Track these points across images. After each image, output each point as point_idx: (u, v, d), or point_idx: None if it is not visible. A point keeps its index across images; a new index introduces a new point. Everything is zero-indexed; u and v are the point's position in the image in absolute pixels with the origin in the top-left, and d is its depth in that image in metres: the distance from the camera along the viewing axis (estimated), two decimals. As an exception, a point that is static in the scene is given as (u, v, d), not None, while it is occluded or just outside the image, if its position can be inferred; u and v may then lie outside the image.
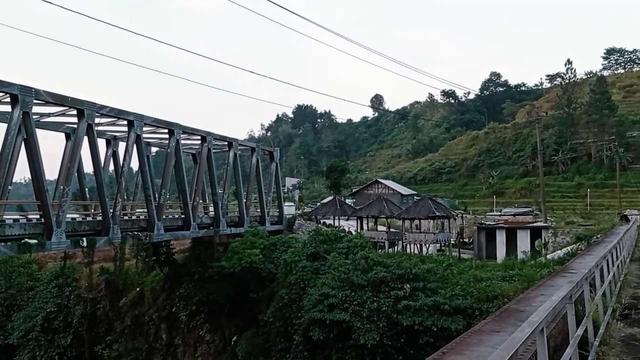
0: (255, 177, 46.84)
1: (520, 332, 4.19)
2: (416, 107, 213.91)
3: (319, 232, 37.27)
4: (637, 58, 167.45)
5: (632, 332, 10.55)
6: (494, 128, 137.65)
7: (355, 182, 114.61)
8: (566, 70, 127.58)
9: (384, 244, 47.96)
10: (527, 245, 47.84)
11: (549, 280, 14.62)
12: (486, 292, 25.30)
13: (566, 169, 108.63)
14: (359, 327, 25.34)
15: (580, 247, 34.78)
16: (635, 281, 17.57)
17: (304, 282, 31.02)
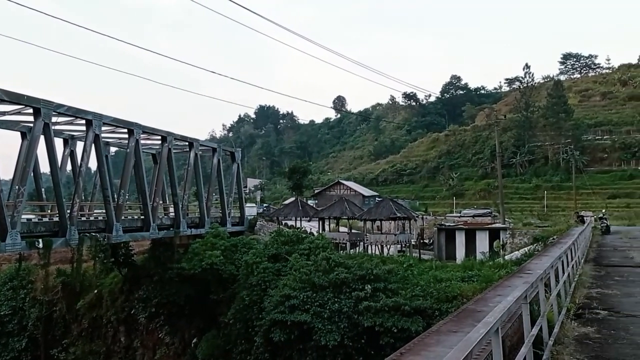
0: (217, 177, 46.51)
1: (475, 332, 4.24)
2: (378, 109, 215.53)
3: (280, 234, 37.20)
4: (593, 63, 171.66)
5: (585, 332, 10.78)
6: (454, 130, 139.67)
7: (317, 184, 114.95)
8: (524, 74, 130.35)
9: (346, 245, 48.14)
10: (486, 246, 48.54)
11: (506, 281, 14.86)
12: (446, 293, 25.56)
13: (524, 171, 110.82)
14: (320, 328, 25.36)
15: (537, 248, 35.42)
16: (590, 281, 17.98)
17: (265, 283, 30.92)
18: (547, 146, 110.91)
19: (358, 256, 35.12)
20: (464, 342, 3.98)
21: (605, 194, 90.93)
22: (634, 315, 12.74)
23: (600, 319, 12.32)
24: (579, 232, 26.52)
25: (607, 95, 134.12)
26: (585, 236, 29.50)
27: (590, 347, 9.71)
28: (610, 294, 15.62)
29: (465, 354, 3.71)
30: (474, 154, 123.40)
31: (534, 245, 38.69)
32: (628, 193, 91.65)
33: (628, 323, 11.91)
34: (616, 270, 21.50)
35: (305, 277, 27.85)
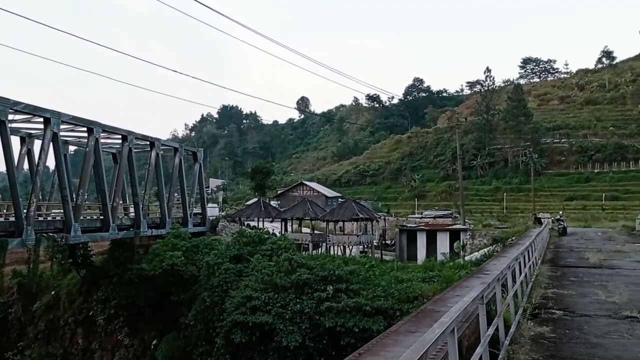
0: (178, 177, 46.07)
1: (430, 332, 4.28)
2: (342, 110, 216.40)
3: (242, 234, 37.02)
4: (552, 68, 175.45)
5: (541, 331, 10.98)
6: (417, 132, 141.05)
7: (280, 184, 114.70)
8: (485, 77, 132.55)
9: (308, 246, 48.15)
10: (447, 247, 49.13)
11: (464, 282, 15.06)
12: (407, 293, 25.77)
13: (484, 173, 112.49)
14: (282, 329, 25.31)
15: (496, 249, 35.97)
16: (546, 282, 18.33)
17: (226, 284, 30.73)
18: (507, 149, 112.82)
19: (320, 257, 35.19)
20: (419, 342, 4.01)
21: (562, 196, 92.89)
22: (587, 315, 13.03)
23: (555, 318, 12.56)
24: (536, 234, 27.02)
25: (565, 99, 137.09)
26: (542, 237, 30.07)
27: (545, 346, 9.89)
28: (565, 294, 15.95)
29: (420, 354, 3.74)
30: (436, 155, 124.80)
31: (493, 246, 39.30)
32: (584, 195, 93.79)
33: (582, 323, 12.18)
34: (572, 270, 21.96)
35: (267, 278, 27.77)
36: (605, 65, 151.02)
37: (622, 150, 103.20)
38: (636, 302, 14.43)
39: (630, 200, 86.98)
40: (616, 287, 17.18)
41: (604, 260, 25.68)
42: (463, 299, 6.19)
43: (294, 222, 54.59)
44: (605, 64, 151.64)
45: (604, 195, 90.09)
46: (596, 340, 10.54)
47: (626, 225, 55.78)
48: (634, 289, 17.23)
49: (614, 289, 16.57)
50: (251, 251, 33.55)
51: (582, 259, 26.71)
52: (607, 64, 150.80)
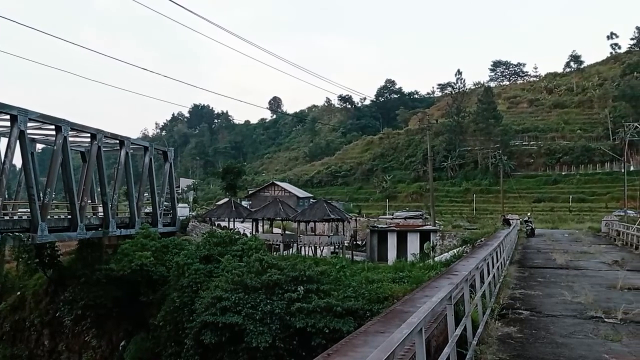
0: (148, 177, 45.65)
1: (398, 333, 4.30)
2: (314, 111, 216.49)
3: (213, 235, 36.81)
4: (521, 71, 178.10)
5: (508, 331, 11.12)
6: (388, 134, 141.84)
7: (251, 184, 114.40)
8: (456, 80, 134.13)
9: (279, 247, 48.09)
10: (417, 247, 49.43)
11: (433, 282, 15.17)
12: (377, 294, 25.87)
13: (455, 175, 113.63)
14: (252, 329, 25.19)
15: (466, 249, 36.33)
16: (514, 282, 18.57)
17: (196, 285, 30.52)
18: (477, 151, 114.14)
19: (291, 257, 35.14)
20: (387, 342, 4.03)
21: (531, 197, 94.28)
22: (554, 315, 13.24)
23: (522, 319, 12.74)
24: (504, 235, 27.32)
25: (534, 102, 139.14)
26: (511, 239, 30.42)
27: (512, 346, 10.02)
28: (532, 295, 16.18)
29: (387, 355, 3.76)
30: (407, 157, 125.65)
31: (462, 247, 39.70)
32: (552, 197, 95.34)
33: (548, 323, 12.36)
34: (539, 271, 22.29)
35: (238, 279, 27.63)
36: (573, 70, 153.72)
37: (589, 153, 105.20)
38: (601, 303, 14.70)
39: (596, 202, 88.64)
40: (582, 287, 17.48)
41: (570, 261, 26.12)
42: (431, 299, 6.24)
43: (265, 223, 54.47)
44: (573, 68, 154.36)
45: (571, 197, 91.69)
46: (562, 340, 10.72)
47: (592, 227, 56.79)
48: (599, 289, 17.55)
49: (579, 290, 16.86)
50: (222, 252, 33.36)
51: (549, 260, 27.12)
52: (575, 68, 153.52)
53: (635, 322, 12.39)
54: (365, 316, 24.47)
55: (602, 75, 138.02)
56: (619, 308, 13.24)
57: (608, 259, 27.77)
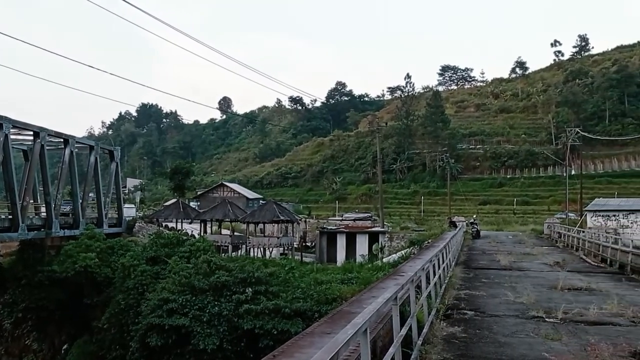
0: (93, 177, 44.65)
1: (343, 334, 4.31)
2: (264, 112, 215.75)
3: (160, 236, 36.25)
4: (469, 76, 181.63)
5: (452, 331, 11.31)
6: (339, 136, 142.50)
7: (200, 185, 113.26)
8: (406, 83, 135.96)
9: (228, 248, 47.74)
10: (366, 249, 49.85)
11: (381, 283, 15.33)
12: (326, 295, 25.88)
13: (403, 177, 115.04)
14: (199, 331, 24.92)
15: (413, 251, 36.83)
16: (459, 283, 18.92)
17: (142, 286, 30.00)
18: (425, 154, 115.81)
19: (240, 259, 34.90)
20: (331, 343, 4.03)
21: (476, 200, 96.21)
22: (497, 316, 13.54)
23: (467, 319, 12.98)
24: (450, 237, 27.80)
25: (481, 107, 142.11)
26: (457, 240, 30.98)
27: (456, 346, 10.20)
28: (477, 295, 16.51)
29: (331, 355, 3.76)
30: (357, 159, 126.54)
31: (410, 249, 40.22)
32: (497, 200, 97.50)
33: (492, 323, 12.64)
34: (484, 272, 22.77)
35: (185, 280, 27.29)
36: (518, 75, 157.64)
37: (533, 157, 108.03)
38: (542, 303, 15.12)
39: (539, 205, 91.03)
40: (524, 288, 17.94)
41: (513, 263, 26.79)
42: (377, 300, 6.28)
43: (214, 224, 54.02)
44: (518, 74, 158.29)
45: (515, 200, 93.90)
46: (504, 339, 10.96)
47: (535, 229, 58.40)
48: (541, 290, 18.04)
49: (522, 290, 17.29)
50: (169, 253, 32.87)
51: (494, 261, 27.75)
52: (520, 74, 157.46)
53: (574, 321, 12.78)
54: (314, 317, 24.47)
55: (546, 81, 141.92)
56: (559, 308, 13.64)
57: (550, 260, 28.60)
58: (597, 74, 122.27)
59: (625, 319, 13.24)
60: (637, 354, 9.94)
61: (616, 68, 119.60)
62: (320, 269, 34.41)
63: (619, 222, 47.64)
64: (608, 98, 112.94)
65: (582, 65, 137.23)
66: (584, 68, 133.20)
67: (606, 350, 9.76)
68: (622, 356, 9.71)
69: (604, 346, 10.02)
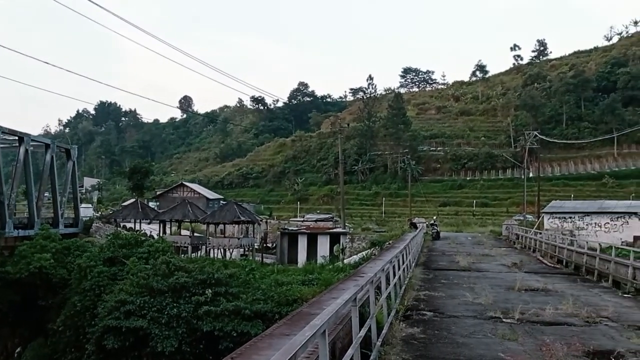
0: (49, 176, 43.69)
1: (301, 335, 4.25)
2: (226, 111, 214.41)
3: (118, 236, 35.66)
4: (430, 79, 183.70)
5: (412, 332, 11.35)
6: (301, 136, 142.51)
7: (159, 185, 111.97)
8: (368, 85, 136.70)
9: (187, 249, 47.27)
10: (327, 250, 49.89)
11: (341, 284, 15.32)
12: (286, 296, 25.80)
13: (365, 179, 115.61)
14: (157, 334, 24.56)
15: (374, 252, 36.97)
16: (419, 284, 19.04)
17: (99, 288, 29.48)
18: (387, 155, 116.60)
19: (199, 260, 34.58)
20: (289, 344, 3.97)
21: (437, 201, 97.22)
22: (456, 316, 13.65)
23: (426, 319, 13.06)
24: (411, 238, 28.01)
25: (442, 109, 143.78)
26: (417, 241, 31.22)
27: (415, 346, 10.23)
28: (436, 296, 16.63)
29: (289, 356, 3.71)
30: (319, 160, 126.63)
31: (371, 250, 40.38)
32: (457, 201, 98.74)
33: (450, 323, 12.73)
34: (443, 273, 22.99)
35: (143, 282, 26.87)
36: (478, 79, 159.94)
37: (492, 159, 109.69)
38: (500, 304, 15.31)
39: (498, 206, 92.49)
40: (482, 289, 18.15)
41: (472, 264, 27.11)
42: (336, 301, 6.24)
43: (173, 225, 53.43)
44: (478, 77, 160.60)
45: (474, 202, 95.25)
46: (462, 340, 11.05)
47: (494, 231, 59.33)
48: (499, 290, 18.28)
49: (480, 291, 17.49)
50: (127, 254, 32.37)
51: (453, 262, 28.04)
52: (480, 77, 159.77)
53: (530, 322, 12.97)
54: (274, 319, 24.34)
55: (505, 85, 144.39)
56: (516, 309, 13.83)
57: (507, 262, 29.04)
58: (555, 79, 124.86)
59: (580, 319, 13.49)
60: (591, 353, 10.13)
61: (573, 73, 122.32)
62: (281, 270, 34.34)
63: (574, 224, 48.66)
64: (565, 102, 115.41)
65: (541, 69, 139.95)
66: (542, 72, 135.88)
67: (561, 350, 9.91)
68: (575, 356, 9.88)
69: (559, 346, 10.17)
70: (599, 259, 23.48)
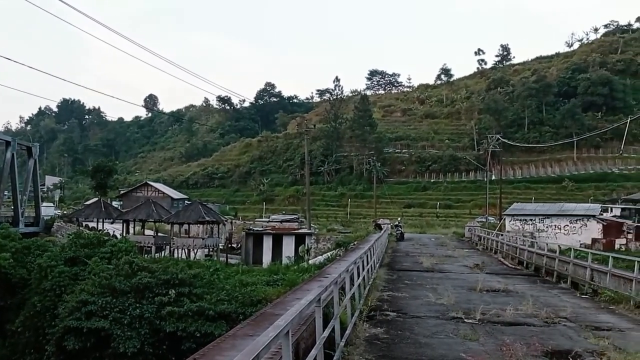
0: (10, 174, 42.87)
1: (264, 336, 4.29)
2: (192, 111, 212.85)
3: (80, 236, 35.12)
4: (396, 81, 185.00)
5: (375, 332, 11.46)
6: (267, 137, 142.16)
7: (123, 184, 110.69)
8: (334, 87, 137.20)
9: (151, 249, 46.81)
10: (292, 250, 49.91)
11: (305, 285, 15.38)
12: (251, 297, 25.75)
13: (331, 180, 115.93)
14: (119, 334, 24.27)
15: (339, 252, 37.12)
16: (383, 284, 19.20)
17: (60, 288, 28.98)
18: (353, 157, 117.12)
19: (163, 260, 34.28)
20: (252, 345, 4.00)
21: (401, 203, 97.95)
22: (418, 317, 13.82)
23: (389, 320, 13.19)
24: (375, 239, 28.21)
25: (407, 112, 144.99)
26: (381, 242, 31.45)
27: (378, 347, 10.34)
28: (400, 297, 16.80)
29: (252, 358, 3.74)
30: (285, 160, 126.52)
31: (336, 250, 40.51)
32: (421, 203, 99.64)
33: (413, 324, 12.89)
34: (407, 274, 23.21)
35: (105, 282, 26.53)
36: (443, 82, 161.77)
37: (456, 162, 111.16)
38: (462, 304, 15.55)
39: (461, 208, 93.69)
40: (445, 289, 18.39)
41: (435, 265, 27.43)
42: (300, 302, 6.29)
43: (137, 224, 52.84)
44: (443, 81, 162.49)
45: (438, 204, 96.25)
46: (425, 340, 11.21)
47: (457, 232, 60.08)
48: (460, 291, 18.55)
49: (443, 292, 17.72)
50: (89, 254, 31.90)
51: (417, 263, 28.33)
52: (445, 81, 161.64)
53: (491, 322, 13.21)
54: (238, 319, 24.25)
55: (469, 88, 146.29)
56: (477, 309, 14.06)
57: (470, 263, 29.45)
58: (518, 83, 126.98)
59: (539, 319, 13.78)
60: (549, 353, 10.37)
61: (535, 78, 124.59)
62: (245, 270, 34.24)
63: (535, 226, 49.65)
64: (527, 106, 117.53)
65: (504, 74, 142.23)
66: (505, 77, 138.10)
67: (520, 350, 10.12)
68: (535, 355, 10.10)
69: (519, 346, 10.39)
70: (558, 261, 23.96)
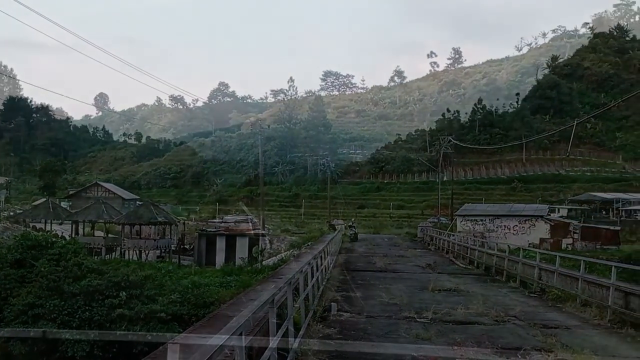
0: (-48, 173, 41.46)
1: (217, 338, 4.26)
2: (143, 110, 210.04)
3: (27, 237, 34.15)
4: (350, 83, 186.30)
5: (329, 332, 11.51)
6: (220, 137, 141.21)
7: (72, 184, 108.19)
8: (289, 87, 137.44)
9: (101, 250, 45.89)
10: (246, 251, 49.55)
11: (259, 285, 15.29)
12: (204, 298, 25.56)
13: (285, 180, 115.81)
14: (68, 338, 23.78)
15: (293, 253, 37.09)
16: (337, 285, 19.27)
17: (5, 291, 28.16)
18: (307, 157, 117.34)
19: (114, 262, 33.73)
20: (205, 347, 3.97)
21: (355, 204, 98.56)
22: (372, 316, 13.92)
23: (343, 320, 13.24)
24: (329, 239, 28.33)
25: (361, 113, 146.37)
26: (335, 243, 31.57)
27: (332, 346, 10.36)
28: (353, 297, 16.88)
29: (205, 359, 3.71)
30: (239, 161, 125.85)
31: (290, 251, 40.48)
32: (375, 204, 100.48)
33: (367, 323, 12.98)
34: (361, 274, 23.35)
35: (54, 284, 25.94)
36: (396, 84, 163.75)
37: (409, 163, 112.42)
38: (414, 304, 15.73)
39: (413, 209, 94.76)
40: (398, 289, 18.58)
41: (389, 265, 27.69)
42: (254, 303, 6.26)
43: (87, 225, 51.74)
44: (396, 83, 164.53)
45: (391, 204, 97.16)
46: (378, 339, 11.29)
47: (409, 233, 60.82)
48: (413, 291, 18.77)
49: (396, 292, 17.89)
50: (36, 255, 31.06)
51: (370, 263, 28.54)
52: (398, 83, 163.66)
53: (443, 321, 13.39)
54: (191, 321, 24.04)
55: (422, 90, 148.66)
56: (429, 308, 14.24)
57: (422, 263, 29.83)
58: (469, 86, 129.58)
59: (489, 318, 14.04)
60: (499, 351, 10.58)
61: (486, 81, 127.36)
62: (198, 272, 33.91)
63: (485, 227, 50.57)
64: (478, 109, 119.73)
65: (456, 76, 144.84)
66: (457, 79, 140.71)
67: (471, 348, 10.29)
68: (485, 354, 10.28)
69: (469, 345, 10.56)
70: (507, 260, 24.46)
